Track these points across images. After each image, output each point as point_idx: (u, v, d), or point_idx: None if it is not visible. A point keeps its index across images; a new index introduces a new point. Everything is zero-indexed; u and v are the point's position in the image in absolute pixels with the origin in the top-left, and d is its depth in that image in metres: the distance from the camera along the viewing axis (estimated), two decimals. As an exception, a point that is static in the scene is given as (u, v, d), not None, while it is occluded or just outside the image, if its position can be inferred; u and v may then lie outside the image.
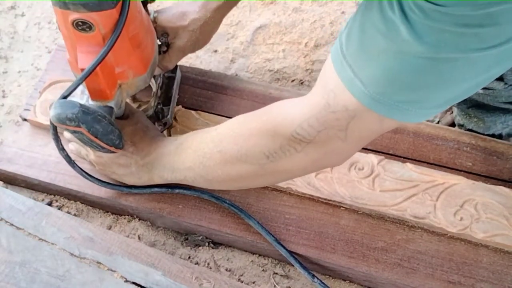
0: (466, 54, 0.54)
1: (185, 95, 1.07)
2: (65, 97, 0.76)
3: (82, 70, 0.74)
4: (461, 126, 1.08)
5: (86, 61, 0.74)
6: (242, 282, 0.91)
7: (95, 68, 0.74)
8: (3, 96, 1.15)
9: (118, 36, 0.73)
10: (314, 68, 1.22)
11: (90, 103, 0.82)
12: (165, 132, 0.99)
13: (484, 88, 0.94)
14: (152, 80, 0.97)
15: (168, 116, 0.99)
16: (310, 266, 0.92)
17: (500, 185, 0.94)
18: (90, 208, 0.99)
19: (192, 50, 1.00)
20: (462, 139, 1.00)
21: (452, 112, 1.14)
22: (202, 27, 0.97)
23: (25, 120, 1.03)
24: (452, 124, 1.12)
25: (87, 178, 0.90)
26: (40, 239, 0.88)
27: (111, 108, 0.83)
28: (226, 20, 1.29)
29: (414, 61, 0.56)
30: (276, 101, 0.75)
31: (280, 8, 1.31)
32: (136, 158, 0.87)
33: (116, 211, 0.98)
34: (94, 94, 0.81)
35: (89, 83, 0.79)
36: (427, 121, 1.14)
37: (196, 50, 1.01)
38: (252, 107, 1.03)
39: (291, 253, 0.90)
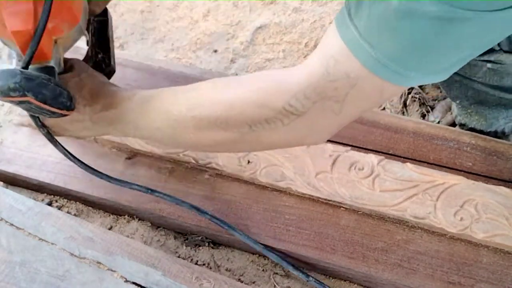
0: (478, 15, 0.52)
1: (185, 95, 1.06)
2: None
3: (15, 33, 0.68)
4: (462, 125, 1.07)
5: (16, 22, 0.68)
6: (242, 282, 0.91)
7: (45, 26, 0.67)
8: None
9: None
10: (314, 68, 1.22)
11: (29, 68, 0.74)
12: None
13: (492, 62, 0.91)
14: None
15: (112, 63, 0.92)
16: (310, 266, 0.92)
17: (500, 185, 0.94)
18: (90, 208, 0.99)
19: None
20: (462, 139, 1.00)
21: (451, 112, 1.14)
22: None
23: (25, 120, 1.03)
24: (453, 124, 1.12)
25: (70, 159, 0.84)
26: (40, 239, 0.88)
27: (52, 67, 0.75)
28: (226, 20, 1.29)
29: (427, 21, 0.54)
30: (265, 70, 0.71)
31: (280, 8, 1.31)
32: (90, 112, 0.80)
33: (116, 211, 0.98)
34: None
35: (24, 45, 0.71)
36: (427, 121, 1.14)
37: None
38: (252, 107, 1.04)
39: (282, 257, 0.90)
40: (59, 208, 0.98)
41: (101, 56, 0.91)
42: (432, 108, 1.18)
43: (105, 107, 0.79)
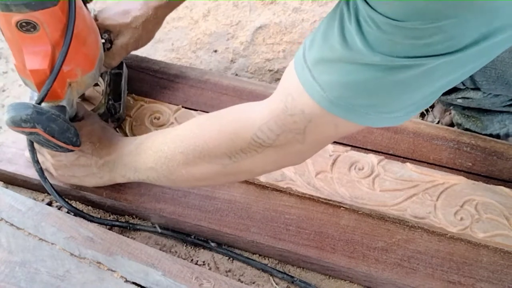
0: (419, 61, 0.55)
1: (185, 95, 1.07)
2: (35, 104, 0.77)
3: (32, 71, 0.75)
4: (459, 125, 1.08)
5: (34, 62, 0.75)
6: (242, 282, 0.91)
7: (60, 68, 0.74)
8: (3, 96, 1.15)
9: (72, 33, 0.73)
10: (314, 68, 1.22)
11: (42, 105, 0.81)
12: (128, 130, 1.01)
13: (463, 98, 0.96)
14: (100, 78, 0.98)
15: (121, 111, 1.00)
16: (310, 266, 0.92)
17: (500, 185, 0.94)
18: (90, 208, 0.99)
19: (135, 47, 1.01)
20: (462, 139, 1.00)
21: (450, 113, 1.14)
22: (145, 24, 0.98)
23: (25, 120, 1.03)
24: (452, 124, 1.12)
25: (55, 197, 0.91)
26: (40, 239, 0.88)
27: (64, 107, 0.82)
28: (226, 20, 1.29)
29: (368, 69, 0.57)
30: (239, 104, 0.76)
31: (280, 8, 1.31)
32: (96, 158, 0.87)
33: (116, 211, 0.98)
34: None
35: (40, 84, 0.78)
36: (427, 121, 1.14)
37: (139, 47, 1.02)
38: (252, 107, 1.04)
39: (265, 264, 0.92)
40: (59, 208, 0.98)
41: (112, 103, 1.00)
42: (432, 108, 1.18)
43: (109, 153, 0.87)
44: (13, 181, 1.01)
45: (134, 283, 0.84)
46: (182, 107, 1.04)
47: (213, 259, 0.94)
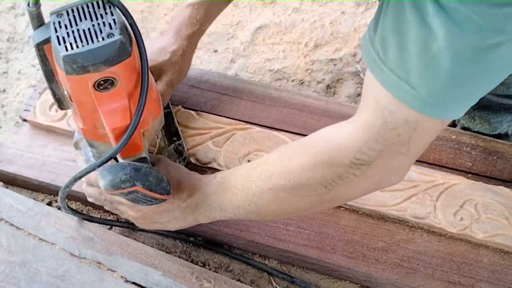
0: (508, 36, 0.52)
1: (185, 96, 1.07)
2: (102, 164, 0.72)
3: (113, 130, 0.70)
4: (466, 129, 1.07)
5: (115, 120, 0.69)
6: (242, 282, 0.91)
7: (137, 124, 0.69)
8: (3, 96, 1.15)
9: (148, 84, 0.69)
10: (314, 68, 1.22)
11: (121, 161, 0.78)
12: None
13: None
14: None
15: (185, 151, 0.98)
16: (310, 266, 0.92)
17: (500, 185, 0.94)
18: (90, 208, 0.99)
19: (178, 81, 0.99)
20: (462, 139, 1.00)
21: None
22: (183, 56, 0.96)
23: (24, 120, 1.03)
24: (453, 125, 1.12)
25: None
26: (40, 239, 0.88)
27: (146, 158, 0.79)
28: (226, 20, 1.29)
29: (458, 52, 0.54)
30: (318, 130, 0.72)
31: (280, 8, 1.31)
32: (178, 202, 0.82)
33: (116, 211, 0.98)
34: (126, 151, 0.77)
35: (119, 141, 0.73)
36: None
37: (181, 79, 1.00)
38: (252, 107, 1.04)
39: (265, 265, 0.92)
40: (59, 208, 0.98)
41: (178, 143, 0.97)
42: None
43: (190, 194, 0.82)
44: (13, 181, 1.01)
45: (134, 283, 0.84)
46: (182, 107, 1.04)
47: (213, 259, 0.94)
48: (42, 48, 0.66)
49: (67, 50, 0.62)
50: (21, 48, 1.23)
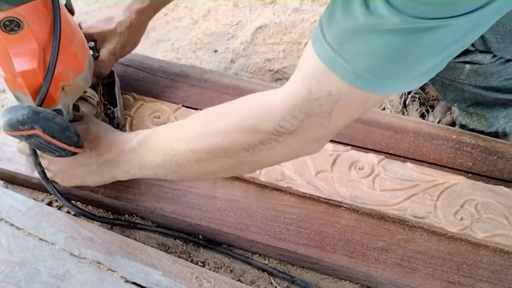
0: (443, 22, 0.54)
1: (185, 94, 1.07)
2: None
3: (22, 73, 0.72)
4: (463, 126, 1.07)
5: (23, 62, 0.72)
6: (242, 282, 0.91)
7: (55, 63, 0.72)
8: (3, 97, 1.15)
9: (60, 25, 0.71)
10: (314, 68, 1.22)
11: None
12: None
13: (471, 63, 0.94)
14: (93, 91, 0.96)
15: (119, 116, 0.99)
16: (310, 266, 0.92)
17: (500, 185, 0.94)
18: (90, 208, 0.99)
19: (122, 53, 1.01)
20: (462, 139, 1.00)
21: (451, 113, 1.14)
22: (129, 29, 0.99)
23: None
24: (453, 124, 1.12)
25: (59, 198, 0.90)
26: (40, 239, 0.88)
27: (60, 110, 0.81)
28: (226, 20, 1.29)
29: (394, 33, 0.56)
30: (251, 95, 0.73)
31: (280, 8, 1.31)
32: (96, 156, 0.84)
33: (116, 211, 0.98)
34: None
35: (33, 90, 0.76)
36: (427, 121, 1.14)
37: (126, 53, 1.03)
38: (252, 107, 1.04)
39: (265, 264, 0.92)
40: (59, 208, 0.98)
41: (109, 107, 0.99)
42: (432, 108, 1.18)
43: (109, 149, 0.83)
44: (13, 180, 1.01)
45: (134, 283, 0.84)
46: (182, 106, 1.04)
47: (213, 259, 0.94)
48: None
49: None
50: (21, 48, 1.23)
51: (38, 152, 0.84)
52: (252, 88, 1.07)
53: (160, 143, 0.79)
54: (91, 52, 0.95)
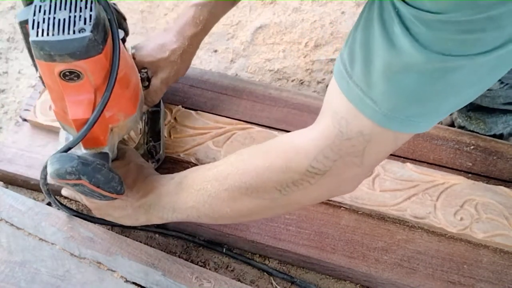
0: (471, 60, 0.53)
1: (185, 95, 1.07)
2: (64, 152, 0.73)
3: (75, 120, 0.70)
4: (462, 128, 1.08)
5: (78, 111, 0.70)
6: (242, 282, 0.91)
7: (97, 119, 0.70)
8: (3, 97, 1.15)
9: (115, 81, 0.69)
10: (314, 68, 1.22)
11: (83, 151, 0.78)
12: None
13: None
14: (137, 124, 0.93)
15: (161, 152, 0.96)
16: (310, 266, 0.92)
17: (500, 185, 0.94)
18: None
19: (174, 80, 0.98)
20: (462, 139, 1.00)
21: (451, 113, 1.14)
22: (182, 56, 0.96)
23: (25, 120, 1.03)
24: (452, 125, 1.12)
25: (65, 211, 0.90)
26: (40, 239, 0.88)
27: (107, 153, 0.79)
28: (226, 20, 1.29)
29: (421, 72, 0.55)
30: (283, 135, 0.73)
31: (280, 8, 1.31)
32: (132, 200, 0.83)
33: (116, 211, 0.98)
34: (87, 142, 0.77)
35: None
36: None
37: (178, 79, 1.00)
38: (252, 107, 1.04)
39: (265, 265, 0.92)
40: (59, 208, 0.98)
41: (153, 144, 0.96)
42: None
43: (145, 194, 0.82)
44: (13, 181, 1.01)
45: (134, 283, 0.84)
46: (182, 106, 1.04)
47: (213, 259, 0.94)
48: (24, 26, 0.67)
49: (37, 35, 0.63)
50: (21, 48, 1.23)
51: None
52: (252, 88, 1.07)
53: (195, 183, 0.77)
54: (142, 81, 0.91)
